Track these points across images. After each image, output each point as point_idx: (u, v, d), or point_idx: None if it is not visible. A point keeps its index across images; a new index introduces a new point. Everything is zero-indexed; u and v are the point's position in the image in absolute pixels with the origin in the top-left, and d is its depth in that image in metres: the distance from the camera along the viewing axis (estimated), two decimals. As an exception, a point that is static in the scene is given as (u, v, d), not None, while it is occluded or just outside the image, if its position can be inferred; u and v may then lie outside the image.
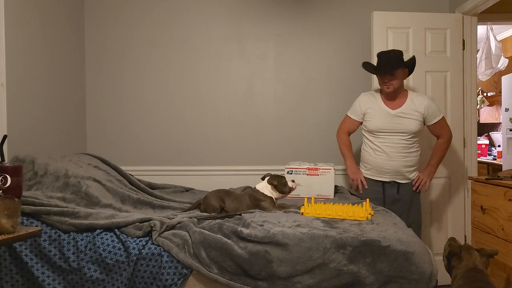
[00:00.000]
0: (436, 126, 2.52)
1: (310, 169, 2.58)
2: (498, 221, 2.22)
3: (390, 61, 2.40)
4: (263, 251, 1.66)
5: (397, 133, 2.46)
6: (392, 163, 2.48)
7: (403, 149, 2.47)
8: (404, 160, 2.48)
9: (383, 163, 2.49)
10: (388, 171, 2.50)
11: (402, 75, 2.45)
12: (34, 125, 2.42)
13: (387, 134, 2.48)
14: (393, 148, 2.47)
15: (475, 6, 2.83)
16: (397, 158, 2.47)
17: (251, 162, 3.15)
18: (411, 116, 2.46)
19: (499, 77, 4.85)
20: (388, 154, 2.48)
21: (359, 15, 3.13)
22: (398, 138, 2.46)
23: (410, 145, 2.48)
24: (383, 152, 2.48)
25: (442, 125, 2.53)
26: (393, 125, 2.46)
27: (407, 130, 2.45)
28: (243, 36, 3.15)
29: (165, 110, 3.15)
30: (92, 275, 1.70)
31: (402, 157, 2.48)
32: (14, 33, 2.22)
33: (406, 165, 2.49)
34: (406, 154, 2.48)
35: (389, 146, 2.48)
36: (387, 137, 2.48)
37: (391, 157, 2.48)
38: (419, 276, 1.62)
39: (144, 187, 2.46)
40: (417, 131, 2.47)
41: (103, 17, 3.12)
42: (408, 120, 2.45)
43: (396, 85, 2.42)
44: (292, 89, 3.17)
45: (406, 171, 2.51)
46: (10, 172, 1.64)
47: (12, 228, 1.43)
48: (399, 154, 2.47)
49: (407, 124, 2.45)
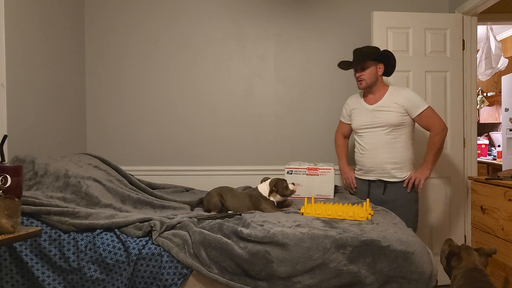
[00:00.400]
0: (422, 118, 2.39)
1: (310, 169, 2.58)
2: (498, 221, 2.22)
3: (361, 55, 2.41)
4: (263, 251, 1.66)
5: (377, 128, 2.42)
6: (375, 160, 2.44)
7: (386, 144, 2.40)
8: (387, 156, 2.41)
9: (367, 161, 2.47)
10: (372, 169, 2.46)
11: (375, 69, 2.42)
12: (34, 125, 2.42)
13: (368, 130, 2.45)
14: (375, 144, 2.43)
15: (475, 6, 2.83)
16: (379, 154, 2.42)
17: (251, 162, 3.16)
18: (389, 108, 2.39)
19: (499, 77, 4.86)
20: (371, 151, 2.45)
21: (359, 15, 3.14)
22: (380, 134, 2.41)
23: (393, 139, 2.40)
24: (367, 150, 2.47)
25: (428, 115, 2.38)
26: (372, 120, 2.43)
27: (386, 123, 2.39)
28: (243, 36, 3.15)
29: (165, 110, 3.15)
30: (92, 275, 1.70)
31: (385, 152, 2.41)
32: (14, 33, 2.22)
33: (391, 161, 2.41)
34: (389, 150, 2.40)
35: (371, 143, 2.45)
36: (369, 134, 2.46)
37: (373, 154, 2.44)
38: (419, 276, 1.62)
39: (144, 187, 2.46)
40: (397, 124, 2.38)
41: (103, 17, 3.12)
42: (386, 113, 2.39)
43: (368, 79, 2.41)
44: (292, 89, 3.17)
45: (391, 168, 2.41)
46: (10, 172, 1.64)
47: (12, 228, 1.43)
48: (381, 150, 2.41)
49: (385, 117, 2.39)
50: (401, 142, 2.41)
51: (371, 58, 2.40)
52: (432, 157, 2.40)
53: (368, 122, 2.45)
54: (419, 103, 2.38)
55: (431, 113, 2.39)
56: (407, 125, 2.41)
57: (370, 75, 2.41)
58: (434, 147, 2.39)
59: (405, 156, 2.42)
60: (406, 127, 2.42)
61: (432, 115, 2.39)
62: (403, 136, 2.41)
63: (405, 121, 2.40)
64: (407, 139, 2.43)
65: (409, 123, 2.42)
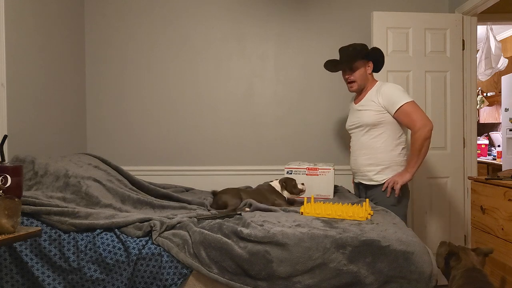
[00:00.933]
0: (400, 115, 2.16)
1: (310, 169, 2.58)
2: (498, 221, 2.22)
3: (348, 55, 2.26)
4: (263, 251, 1.66)
5: (357, 128, 2.31)
6: (354, 161, 2.37)
7: (363, 145, 2.28)
8: (363, 158, 2.28)
9: (351, 163, 2.43)
10: (354, 171, 2.41)
11: (364, 69, 2.28)
12: (34, 125, 2.42)
13: (352, 131, 2.37)
14: (356, 146, 2.35)
15: (475, 6, 2.83)
16: (357, 156, 2.33)
17: (251, 162, 3.16)
18: (367, 107, 2.25)
19: (498, 77, 4.86)
20: (352, 152, 2.39)
21: (359, 15, 3.14)
22: (359, 134, 2.30)
23: (370, 140, 2.25)
24: (351, 151, 2.43)
25: (407, 112, 2.14)
26: (354, 120, 2.33)
27: (362, 123, 2.25)
28: (243, 36, 3.15)
29: (165, 110, 3.15)
30: (92, 275, 1.70)
31: (362, 154, 2.29)
32: (15, 33, 2.22)
33: (367, 163, 2.27)
34: (367, 151, 2.26)
35: (353, 144, 2.38)
36: (353, 135, 2.38)
37: (353, 155, 2.37)
38: (419, 276, 1.62)
39: (147, 184, 2.46)
40: (374, 123, 2.21)
41: (103, 17, 3.12)
42: (363, 112, 2.26)
43: (359, 81, 2.28)
44: (292, 89, 3.17)
45: (368, 170, 2.27)
46: (10, 172, 1.64)
47: (12, 228, 1.43)
48: (359, 152, 2.32)
49: (362, 117, 2.26)
50: (380, 142, 2.24)
51: (360, 57, 2.25)
52: (413, 159, 2.17)
53: (352, 123, 2.37)
54: (396, 99, 2.16)
55: (411, 109, 2.14)
56: (386, 123, 2.22)
57: (360, 76, 2.28)
58: (413, 147, 2.16)
59: (386, 158, 2.24)
60: (386, 126, 2.22)
61: (412, 112, 2.14)
62: (383, 135, 2.23)
63: (383, 120, 2.21)
64: (388, 139, 2.23)
65: (389, 122, 2.22)
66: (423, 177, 2.97)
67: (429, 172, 2.98)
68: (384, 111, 2.21)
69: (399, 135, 2.26)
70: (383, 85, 2.27)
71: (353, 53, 2.25)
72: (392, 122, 2.23)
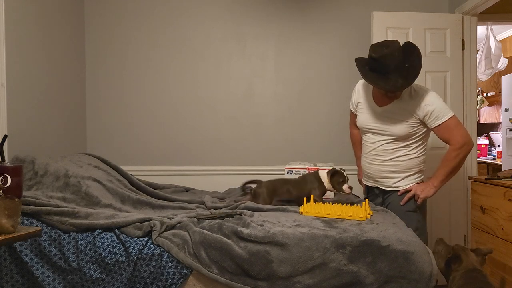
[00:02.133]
0: (440, 129, 2.00)
1: (310, 169, 2.58)
2: (498, 221, 2.22)
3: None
4: (263, 251, 1.66)
5: (380, 135, 2.12)
6: (371, 167, 2.18)
7: (385, 152, 2.10)
8: (383, 164, 2.12)
9: (364, 165, 2.24)
10: (369, 175, 2.22)
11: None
12: (34, 125, 2.42)
13: (370, 132, 2.17)
14: (373, 150, 2.14)
15: (475, 6, 2.83)
16: (375, 161, 2.15)
17: (251, 162, 3.16)
18: (401, 116, 2.04)
19: (498, 77, 4.86)
20: (368, 155, 2.18)
21: (359, 15, 3.14)
22: (381, 140, 2.11)
23: (395, 149, 2.09)
24: (365, 152, 2.21)
25: (449, 127, 1.98)
26: (377, 125, 2.11)
27: (392, 133, 2.06)
28: (243, 36, 3.15)
29: (165, 110, 3.15)
30: (92, 275, 1.70)
31: (382, 161, 2.12)
32: (14, 33, 2.22)
33: (389, 170, 2.12)
34: (389, 159, 2.11)
35: (370, 146, 2.16)
36: (370, 135, 2.17)
37: (369, 158, 2.18)
38: (419, 275, 1.62)
39: (145, 186, 2.46)
40: (406, 136, 2.05)
41: (103, 17, 3.12)
42: (395, 122, 2.05)
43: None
44: (292, 89, 3.17)
45: (389, 177, 2.13)
46: (10, 172, 1.64)
47: (12, 228, 1.43)
48: (377, 157, 2.14)
49: (392, 126, 2.05)
50: (405, 151, 2.10)
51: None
52: (443, 175, 2.03)
53: (372, 126, 2.15)
54: (439, 114, 1.99)
55: (454, 124, 2.00)
56: (418, 136, 2.08)
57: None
58: (448, 164, 2.02)
59: (410, 166, 2.12)
60: (417, 138, 2.09)
61: (454, 127, 1.99)
62: (411, 146, 2.09)
63: (416, 133, 2.06)
64: (415, 149, 2.11)
65: (421, 135, 2.09)
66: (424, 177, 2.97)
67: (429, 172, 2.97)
68: (419, 124, 2.05)
69: (425, 143, 2.16)
70: (422, 92, 2.04)
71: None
72: (424, 136, 2.11)
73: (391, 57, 1.92)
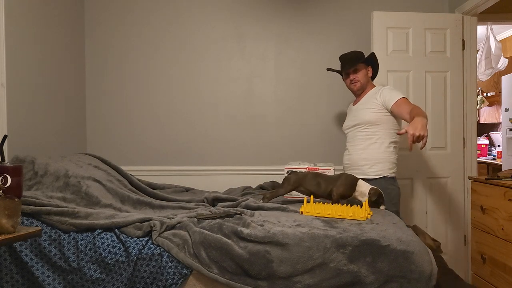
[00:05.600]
0: (395, 108, 2.28)
1: (310, 169, 2.58)
2: (498, 221, 2.22)
3: (351, 58, 2.49)
4: (263, 251, 1.66)
5: (353, 127, 2.48)
6: (348, 157, 2.50)
7: (360, 141, 2.42)
8: (358, 153, 2.43)
9: (345, 158, 2.55)
10: (348, 166, 2.51)
11: (366, 72, 2.50)
12: (34, 125, 2.42)
13: (350, 130, 2.51)
14: (350, 142, 2.49)
15: (475, 6, 2.83)
16: (353, 151, 2.46)
17: (251, 162, 3.16)
18: (367, 105, 2.43)
19: (499, 77, 4.86)
20: (348, 149, 2.51)
21: (359, 15, 3.14)
22: (355, 132, 2.46)
23: (367, 136, 2.40)
24: (346, 148, 2.54)
25: (400, 105, 2.26)
26: (352, 119, 2.49)
27: (360, 121, 2.42)
28: (243, 36, 3.15)
29: (165, 110, 3.15)
30: (92, 275, 1.70)
31: (359, 149, 2.43)
32: (14, 33, 2.22)
33: (362, 157, 2.40)
34: (364, 146, 2.41)
35: (349, 142, 2.51)
36: (349, 133, 2.53)
37: (350, 152, 2.50)
38: (419, 275, 1.62)
39: (145, 187, 2.46)
40: (373, 121, 2.37)
41: (103, 17, 3.12)
42: (363, 110, 2.43)
43: (362, 80, 2.48)
44: (292, 89, 3.17)
45: (363, 164, 2.39)
46: (10, 172, 1.64)
47: (12, 228, 1.43)
48: (356, 147, 2.44)
49: (360, 115, 2.43)
50: (375, 139, 2.38)
51: (363, 60, 2.49)
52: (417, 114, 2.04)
53: (350, 122, 2.52)
54: (392, 96, 2.32)
55: (405, 102, 2.28)
56: (383, 122, 2.37)
57: (363, 76, 2.49)
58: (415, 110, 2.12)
59: (381, 154, 2.37)
60: (382, 125, 2.38)
61: (405, 104, 2.25)
62: (379, 133, 2.38)
63: (380, 118, 2.37)
64: (383, 137, 2.38)
65: (385, 120, 2.37)
66: (423, 177, 2.98)
67: (429, 172, 2.98)
68: (383, 109, 2.37)
69: (394, 134, 2.41)
70: (382, 87, 2.48)
71: (355, 56, 2.50)
72: (388, 121, 2.38)
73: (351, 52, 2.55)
